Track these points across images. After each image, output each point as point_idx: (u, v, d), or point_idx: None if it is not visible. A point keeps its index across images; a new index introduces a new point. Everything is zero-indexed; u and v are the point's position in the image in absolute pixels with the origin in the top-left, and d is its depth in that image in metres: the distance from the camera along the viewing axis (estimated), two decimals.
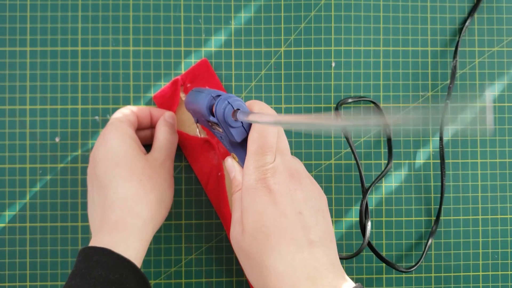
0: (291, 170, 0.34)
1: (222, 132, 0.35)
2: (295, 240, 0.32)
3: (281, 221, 0.32)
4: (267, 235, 0.32)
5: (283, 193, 0.33)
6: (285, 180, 0.33)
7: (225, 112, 0.34)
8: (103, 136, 0.40)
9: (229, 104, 0.34)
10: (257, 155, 0.34)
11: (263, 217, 0.32)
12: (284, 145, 0.36)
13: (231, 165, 0.37)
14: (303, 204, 0.33)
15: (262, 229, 0.32)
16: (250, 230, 0.33)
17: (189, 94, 0.41)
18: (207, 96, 0.36)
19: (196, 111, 0.38)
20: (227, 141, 0.37)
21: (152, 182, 0.39)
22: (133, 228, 0.37)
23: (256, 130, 0.34)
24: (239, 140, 0.35)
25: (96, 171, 0.39)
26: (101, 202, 0.38)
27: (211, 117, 0.35)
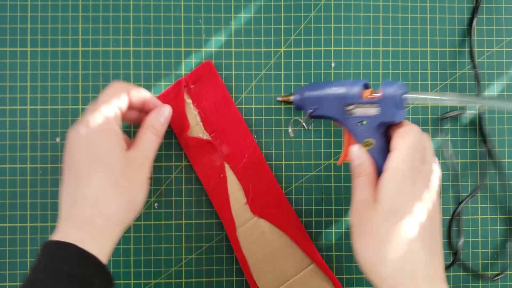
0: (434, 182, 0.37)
1: (376, 113, 0.39)
2: (424, 239, 0.34)
3: (414, 215, 0.34)
4: (400, 218, 0.34)
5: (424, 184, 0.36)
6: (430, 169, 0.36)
7: (397, 93, 0.38)
8: (87, 122, 0.38)
9: (402, 86, 0.39)
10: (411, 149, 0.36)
11: (408, 205, 0.34)
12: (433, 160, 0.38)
13: (358, 152, 0.40)
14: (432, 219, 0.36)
15: (403, 215, 0.34)
16: (385, 208, 0.35)
17: (305, 87, 0.44)
18: (356, 82, 0.41)
19: (327, 98, 0.41)
20: (372, 126, 0.40)
21: (127, 184, 0.38)
22: (101, 229, 0.36)
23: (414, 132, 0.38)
24: (401, 119, 0.39)
25: (74, 158, 0.38)
26: (73, 191, 0.37)
27: (363, 100, 0.40)
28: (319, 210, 0.49)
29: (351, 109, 0.40)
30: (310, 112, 0.42)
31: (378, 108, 0.39)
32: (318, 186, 0.49)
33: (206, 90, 0.47)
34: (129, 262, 0.48)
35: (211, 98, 0.47)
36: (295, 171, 0.49)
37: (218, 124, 0.47)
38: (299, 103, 0.44)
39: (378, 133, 0.40)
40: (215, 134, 0.47)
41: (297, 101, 0.44)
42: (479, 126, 0.49)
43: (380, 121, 0.39)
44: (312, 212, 0.49)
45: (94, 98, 0.48)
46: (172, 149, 0.48)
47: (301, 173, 0.49)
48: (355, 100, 0.40)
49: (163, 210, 0.48)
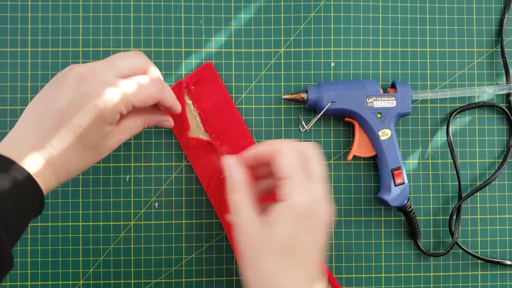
0: (329, 202, 0.36)
1: (394, 105, 0.46)
2: (308, 271, 0.34)
3: (308, 251, 0.34)
4: (290, 254, 0.34)
5: (320, 224, 0.35)
6: (328, 211, 0.35)
7: (409, 89, 0.46)
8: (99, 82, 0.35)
9: (409, 85, 0.47)
10: (303, 178, 0.35)
11: (295, 238, 0.34)
12: (321, 172, 0.36)
13: (231, 162, 0.38)
14: (323, 240, 0.35)
15: (289, 248, 0.34)
16: (277, 241, 0.34)
17: (320, 84, 0.46)
18: (370, 80, 0.47)
19: (349, 92, 0.46)
20: (388, 118, 0.46)
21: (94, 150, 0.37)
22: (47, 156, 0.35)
23: (295, 154, 0.36)
24: (410, 111, 0.46)
25: (81, 87, 0.35)
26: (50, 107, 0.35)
27: (382, 93, 0.46)
28: None
29: (371, 101, 0.45)
30: (328, 106, 0.45)
31: (395, 101, 0.45)
32: None
33: (207, 92, 0.47)
34: (130, 261, 0.48)
35: (211, 99, 0.47)
36: None
37: (218, 125, 0.47)
38: (315, 99, 0.46)
39: (392, 123, 0.46)
40: (215, 135, 0.47)
41: (314, 97, 0.46)
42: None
43: (397, 112, 0.46)
44: None
45: None
46: (172, 149, 0.48)
47: None
48: (376, 93, 0.46)
49: (164, 210, 0.48)
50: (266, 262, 0.34)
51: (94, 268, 0.48)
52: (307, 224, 0.34)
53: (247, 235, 0.35)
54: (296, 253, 0.34)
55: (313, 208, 0.34)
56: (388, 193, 0.46)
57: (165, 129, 0.48)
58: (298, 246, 0.34)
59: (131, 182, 0.48)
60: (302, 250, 0.34)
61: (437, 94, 0.48)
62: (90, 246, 0.48)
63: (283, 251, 0.33)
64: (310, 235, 0.34)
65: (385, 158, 0.46)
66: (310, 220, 0.34)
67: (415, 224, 0.48)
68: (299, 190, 0.35)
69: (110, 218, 0.48)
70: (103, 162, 0.48)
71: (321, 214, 0.35)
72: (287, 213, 0.34)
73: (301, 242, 0.34)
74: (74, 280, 0.47)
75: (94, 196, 0.48)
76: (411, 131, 0.49)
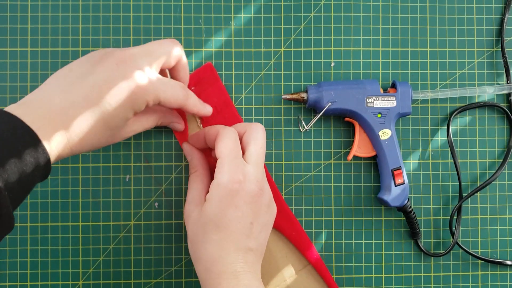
0: (258, 181, 0.40)
1: (394, 105, 0.46)
2: (238, 243, 0.38)
3: (235, 225, 0.38)
4: (219, 228, 0.38)
5: (246, 201, 0.39)
6: (252, 189, 0.39)
7: (409, 89, 0.46)
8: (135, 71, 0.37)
9: (409, 85, 0.47)
10: (233, 159, 0.39)
11: (221, 214, 0.38)
12: (256, 155, 0.41)
13: (189, 149, 0.45)
14: (256, 216, 0.39)
15: (217, 223, 0.38)
16: (207, 217, 0.39)
17: (320, 84, 0.46)
18: (370, 80, 0.47)
19: (349, 92, 0.46)
20: (388, 118, 0.46)
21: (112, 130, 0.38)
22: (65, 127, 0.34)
23: (229, 137, 0.40)
24: (410, 111, 0.47)
25: (119, 68, 0.36)
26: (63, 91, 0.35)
27: (383, 93, 0.46)
28: (319, 210, 0.49)
29: (371, 101, 0.45)
30: (328, 106, 0.45)
31: (395, 101, 0.45)
32: (318, 186, 0.49)
33: (207, 93, 0.47)
34: (130, 261, 0.48)
35: (211, 100, 0.47)
36: (295, 171, 0.49)
37: None
38: (315, 99, 0.46)
39: (392, 123, 0.46)
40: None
41: (314, 97, 0.46)
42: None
43: (397, 112, 0.46)
44: (312, 212, 0.49)
45: None
46: (172, 149, 0.48)
47: (301, 173, 0.49)
48: (376, 93, 0.45)
49: (164, 210, 0.48)
50: (201, 236, 0.39)
51: (94, 268, 0.47)
52: (231, 200, 0.38)
53: (188, 211, 0.41)
54: (223, 227, 0.38)
55: (235, 187, 0.38)
56: (388, 193, 0.46)
57: (165, 129, 0.48)
58: (224, 220, 0.38)
59: (131, 182, 0.48)
60: (228, 224, 0.38)
61: (437, 94, 0.48)
62: (90, 246, 0.48)
63: (211, 225, 0.38)
64: (235, 211, 0.38)
65: (385, 158, 0.46)
66: (234, 197, 0.38)
67: (416, 224, 0.48)
68: (224, 170, 0.39)
69: (110, 218, 0.48)
70: (103, 162, 0.48)
71: (245, 192, 0.39)
72: (213, 190, 0.39)
73: (226, 217, 0.38)
74: (74, 280, 0.47)
75: (94, 196, 0.48)
76: (411, 131, 0.49)
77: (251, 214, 0.39)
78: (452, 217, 0.48)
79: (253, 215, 0.39)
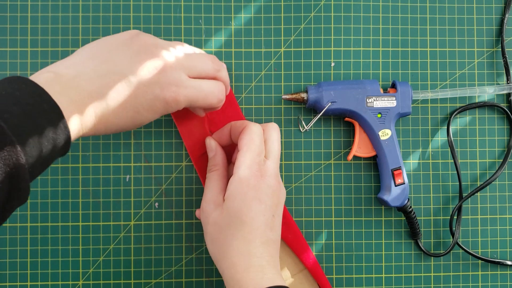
0: (277, 175, 0.41)
1: (394, 105, 0.46)
2: (262, 236, 0.39)
3: (260, 218, 0.39)
4: (243, 223, 0.39)
5: (268, 194, 0.40)
6: (273, 183, 0.40)
7: (409, 89, 0.46)
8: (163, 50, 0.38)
9: (409, 85, 0.47)
10: (254, 153, 0.40)
11: (246, 209, 0.39)
12: (276, 151, 0.42)
13: (214, 145, 0.45)
14: (277, 209, 0.41)
15: (243, 218, 0.39)
16: (231, 214, 0.39)
17: (320, 84, 0.46)
18: (370, 80, 0.47)
19: (349, 92, 0.46)
20: (388, 118, 0.46)
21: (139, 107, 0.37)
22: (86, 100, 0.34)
23: (255, 133, 0.41)
24: (411, 111, 0.47)
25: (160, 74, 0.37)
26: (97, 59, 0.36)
27: (383, 93, 0.46)
28: (319, 210, 0.49)
29: (371, 101, 0.45)
30: (328, 106, 0.45)
31: (395, 101, 0.45)
32: (318, 186, 0.49)
33: None
34: (130, 261, 0.48)
35: None
36: (295, 171, 0.49)
37: (222, 125, 0.47)
38: (315, 99, 0.46)
39: (392, 123, 0.46)
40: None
41: (314, 97, 0.46)
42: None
43: (397, 112, 0.46)
44: (312, 212, 0.49)
45: None
46: (172, 149, 0.48)
47: (301, 173, 0.49)
48: (376, 93, 0.45)
49: (164, 210, 0.48)
50: (225, 234, 0.39)
51: (94, 268, 0.47)
52: (255, 194, 0.39)
53: (208, 211, 0.41)
54: (249, 221, 0.39)
55: (258, 181, 0.39)
56: (388, 193, 0.46)
57: (165, 129, 0.48)
58: (250, 215, 0.39)
59: (131, 182, 0.48)
60: (254, 218, 0.39)
61: (437, 94, 0.48)
62: (90, 246, 0.48)
63: (236, 221, 0.39)
64: (259, 204, 0.39)
65: (385, 158, 0.46)
66: (257, 191, 0.39)
67: (416, 224, 0.48)
68: (246, 164, 0.40)
69: (110, 218, 0.48)
70: (103, 162, 0.48)
71: (267, 185, 0.40)
72: (236, 186, 0.39)
73: (252, 211, 0.39)
74: (74, 280, 0.47)
75: (94, 196, 0.48)
76: (411, 131, 0.49)
77: (273, 207, 0.40)
78: (452, 217, 0.48)
79: (275, 208, 0.41)
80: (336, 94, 0.46)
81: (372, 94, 0.46)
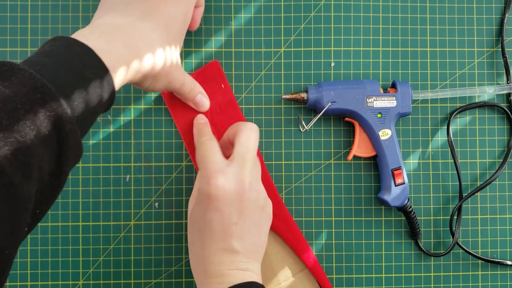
0: (241, 180, 0.39)
1: (394, 105, 0.46)
2: (220, 244, 0.39)
3: (215, 226, 0.39)
4: (201, 230, 0.39)
5: (227, 201, 0.38)
6: (232, 189, 0.38)
7: (409, 89, 0.47)
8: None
9: (409, 85, 0.47)
10: (209, 164, 0.40)
11: (202, 216, 0.39)
12: (240, 155, 0.40)
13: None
14: (242, 216, 0.39)
15: (200, 226, 0.39)
16: (192, 220, 0.41)
17: (320, 84, 0.46)
18: (370, 80, 0.47)
19: (349, 92, 0.46)
20: (388, 118, 0.46)
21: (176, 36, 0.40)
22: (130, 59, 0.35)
23: (210, 146, 0.42)
24: (411, 110, 0.47)
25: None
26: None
27: (383, 93, 0.46)
28: (319, 210, 0.49)
29: (371, 101, 0.45)
30: (328, 106, 0.45)
31: (395, 101, 0.45)
32: (318, 186, 0.49)
33: (213, 91, 0.47)
34: (130, 261, 0.48)
35: (216, 98, 0.47)
36: (295, 171, 0.49)
37: (222, 125, 0.47)
38: (315, 99, 0.46)
39: (392, 123, 0.46)
40: (217, 135, 0.47)
41: (314, 97, 0.46)
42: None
43: (397, 112, 0.46)
44: (312, 212, 0.49)
45: None
46: (172, 149, 0.48)
47: (301, 173, 0.49)
48: (376, 93, 0.45)
49: (164, 210, 0.48)
50: (190, 238, 0.41)
51: (94, 268, 0.48)
52: (210, 203, 0.38)
53: (190, 212, 0.42)
54: (204, 228, 0.39)
55: (212, 190, 0.38)
56: (388, 193, 0.46)
57: (165, 129, 0.48)
58: (204, 223, 0.39)
59: (131, 182, 0.48)
60: (209, 226, 0.39)
61: (437, 94, 0.48)
62: (90, 246, 0.48)
63: (195, 227, 0.40)
64: (214, 213, 0.38)
65: (385, 158, 0.46)
66: (213, 200, 0.38)
67: (416, 224, 0.48)
68: (201, 175, 0.40)
69: (110, 218, 0.48)
70: (103, 162, 0.48)
71: (225, 192, 0.38)
72: (196, 195, 0.40)
73: (206, 219, 0.39)
74: (74, 280, 0.47)
75: (94, 196, 0.48)
76: (411, 131, 0.49)
77: (235, 214, 0.39)
78: (452, 217, 0.48)
79: (238, 215, 0.39)
80: (336, 94, 0.46)
81: (372, 94, 0.46)
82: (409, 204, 0.47)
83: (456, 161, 0.48)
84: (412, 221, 0.47)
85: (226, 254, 0.38)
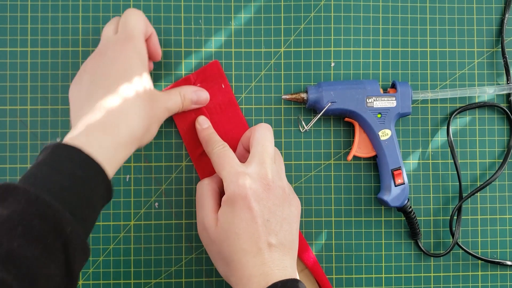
0: (263, 177, 0.40)
1: (394, 105, 0.46)
2: (258, 243, 0.38)
3: (252, 225, 0.39)
4: (238, 235, 0.39)
5: (256, 200, 0.39)
6: (256, 188, 0.39)
7: (409, 90, 0.47)
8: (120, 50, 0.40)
9: (409, 85, 0.47)
10: (230, 168, 0.40)
11: (237, 220, 0.39)
12: (259, 154, 0.41)
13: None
14: (272, 212, 0.39)
15: (236, 230, 0.39)
16: (224, 228, 0.39)
17: (320, 84, 0.47)
18: (370, 80, 0.48)
19: (349, 92, 0.46)
20: (388, 118, 0.46)
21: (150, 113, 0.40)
22: (116, 143, 0.37)
23: (226, 154, 0.42)
24: (411, 111, 0.47)
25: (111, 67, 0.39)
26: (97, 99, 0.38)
27: (383, 93, 0.46)
28: (319, 210, 0.49)
29: (371, 101, 0.45)
30: (328, 106, 0.45)
31: (395, 101, 0.45)
32: (318, 186, 0.49)
33: (213, 91, 0.47)
34: (129, 261, 0.48)
35: (216, 98, 0.47)
36: (295, 171, 0.49)
37: (221, 125, 0.47)
38: (315, 99, 0.46)
39: (392, 123, 0.46)
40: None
41: (314, 97, 0.46)
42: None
43: (397, 112, 0.46)
44: (312, 212, 0.49)
45: None
46: (172, 149, 0.48)
47: (301, 173, 0.49)
48: (376, 93, 0.45)
49: (164, 210, 0.48)
50: (227, 252, 0.39)
51: (94, 268, 0.48)
52: (242, 205, 0.39)
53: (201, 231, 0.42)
54: (240, 230, 0.39)
55: (241, 191, 0.39)
56: (388, 193, 0.46)
57: (165, 129, 0.48)
58: (239, 224, 0.39)
59: (131, 182, 0.48)
60: (244, 226, 0.39)
61: (437, 94, 0.48)
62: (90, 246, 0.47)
63: (229, 232, 0.39)
64: (246, 214, 0.39)
65: (385, 158, 0.46)
66: (242, 200, 0.39)
67: (416, 225, 0.48)
68: (226, 183, 0.40)
69: (110, 218, 0.48)
70: None
71: (252, 191, 0.39)
72: (223, 207, 0.40)
73: (239, 221, 0.39)
74: None
75: None
76: (411, 131, 0.49)
77: (266, 211, 0.39)
78: (452, 217, 0.48)
79: (268, 212, 0.39)
80: (336, 94, 0.46)
81: (372, 94, 0.46)
82: (409, 204, 0.47)
83: (456, 161, 0.48)
84: (412, 221, 0.47)
85: (265, 251, 0.38)
